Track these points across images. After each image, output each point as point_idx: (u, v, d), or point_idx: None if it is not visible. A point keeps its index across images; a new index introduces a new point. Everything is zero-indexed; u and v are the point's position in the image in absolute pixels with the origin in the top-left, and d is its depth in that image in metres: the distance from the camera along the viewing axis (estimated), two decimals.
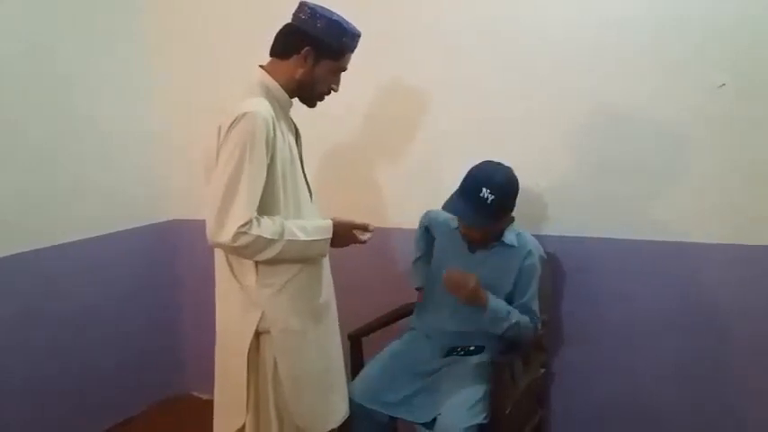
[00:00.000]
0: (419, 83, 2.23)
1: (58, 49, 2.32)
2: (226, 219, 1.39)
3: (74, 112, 2.38)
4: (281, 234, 1.46)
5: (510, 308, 1.77)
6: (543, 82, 2.01)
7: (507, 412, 1.73)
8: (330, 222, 1.58)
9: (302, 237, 1.50)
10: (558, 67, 1.99)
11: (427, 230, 2.07)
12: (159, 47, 2.70)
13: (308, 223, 1.54)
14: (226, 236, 1.39)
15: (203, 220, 1.44)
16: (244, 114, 1.41)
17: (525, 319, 1.78)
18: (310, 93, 1.61)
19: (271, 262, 1.50)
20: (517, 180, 1.79)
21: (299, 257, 1.54)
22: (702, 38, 1.79)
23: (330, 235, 1.56)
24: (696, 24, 1.79)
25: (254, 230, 1.41)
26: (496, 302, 1.75)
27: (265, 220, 1.44)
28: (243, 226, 1.39)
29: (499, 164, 1.79)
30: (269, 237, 1.43)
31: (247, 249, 1.43)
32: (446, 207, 1.78)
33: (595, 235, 2.01)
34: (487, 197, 1.69)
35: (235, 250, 1.45)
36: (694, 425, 1.96)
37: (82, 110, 2.41)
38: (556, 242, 2.05)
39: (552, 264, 2.04)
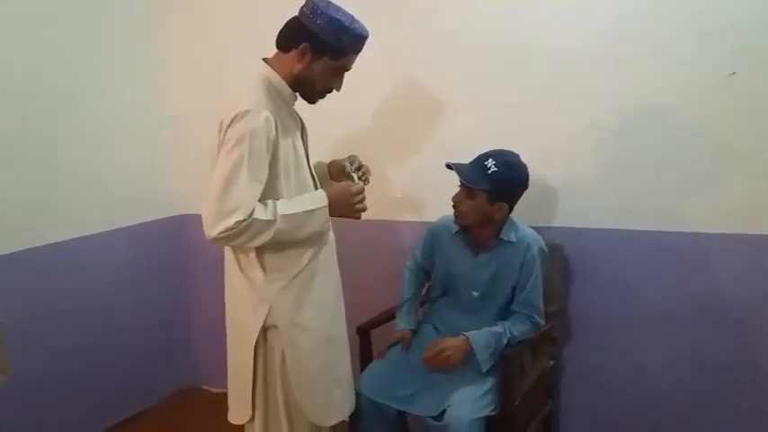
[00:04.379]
0: (428, 80, 2.22)
1: (60, 50, 2.31)
2: (221, 213, 1.38)
3: (77, 111, 2.38)
4: (275, 212, 1.44)
5: (497, 330, 1.77)
6: (548, 78, 2.01)
7: (516, 404, 1.74)
8: (321, 191, 1.56)
9: (296, 209, 1.48)
10: (563, 66, 1.98)
11: (431, 248, 2.03)
12: (161, 46, 2.70)
13: (299, 197, 1.53)
14: (221, 229, 1.37)
15: None
16: (246, 112, 1.40)
17: (521, 327, 1.80)
18: (309, 89, 1.58)
19: (277, 246, 1.48)
20: (526, 175, 1.78)
21: (303, 233, 1.51)
22: (707, 31, 1.78)
23: (326, 202, 1.53)
24: (700, 17, 1.78)
25: (251, 216, 1.39)
26: (479, 339, 1.75)
27: (258, 206, 1.42)
28: (240, 220, 1.37)
29: (518, 156, 1.79)
30: (264, 218, 1.41)
31: (244, 235, 1.40)
32: (450, 162, 1.79)
33: (604, 226, 2.00)
34: (490, 167, 1.74)
35: (231, 238, 1.41)
36: (703, 417, 1.95)
37: (84, 108, 2.41)
38: (564, 234, 2.04)
39: (561, 256, 2.04)
